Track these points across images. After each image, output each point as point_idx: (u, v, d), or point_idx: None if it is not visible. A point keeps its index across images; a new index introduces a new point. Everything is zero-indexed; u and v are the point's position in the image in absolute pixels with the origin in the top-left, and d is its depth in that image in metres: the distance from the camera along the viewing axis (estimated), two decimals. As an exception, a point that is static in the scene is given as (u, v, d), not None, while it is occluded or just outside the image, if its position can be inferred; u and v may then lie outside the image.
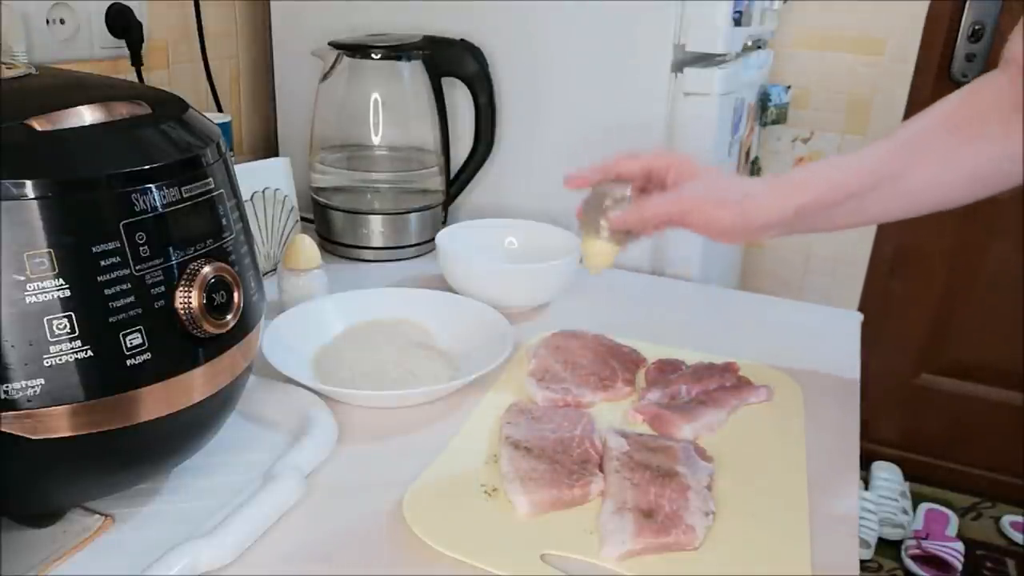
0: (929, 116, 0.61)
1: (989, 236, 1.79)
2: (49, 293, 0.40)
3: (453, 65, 1.01)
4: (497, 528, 0.53)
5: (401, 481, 0.57)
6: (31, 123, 0.41)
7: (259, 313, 0.54)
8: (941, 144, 0.59)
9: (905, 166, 0.60)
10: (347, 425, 0.64)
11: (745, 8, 1.06)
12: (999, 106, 0.58)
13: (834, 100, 1.77)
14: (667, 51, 0.96)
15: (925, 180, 0.60)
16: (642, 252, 1.03)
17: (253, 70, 1.22)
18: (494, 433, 0.64)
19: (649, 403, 0.68)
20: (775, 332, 0.86)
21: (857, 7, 1.70)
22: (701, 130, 1.00)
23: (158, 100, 0.50)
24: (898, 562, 1.74)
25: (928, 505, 1.85)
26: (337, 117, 1.03)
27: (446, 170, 1.06)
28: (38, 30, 0.87)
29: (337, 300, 0.79)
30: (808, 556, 0.51)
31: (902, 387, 1.97)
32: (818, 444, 0.65)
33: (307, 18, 1.11)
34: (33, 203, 0.39)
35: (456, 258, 0.86)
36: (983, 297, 1.84)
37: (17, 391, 0.40)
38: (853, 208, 0.61)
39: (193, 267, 0.46)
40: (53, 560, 0.48)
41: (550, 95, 1.03)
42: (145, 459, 0.50)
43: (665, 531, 0.51)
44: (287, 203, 0.95)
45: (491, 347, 0.72)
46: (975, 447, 1.94)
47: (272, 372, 0.66)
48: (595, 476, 0.57)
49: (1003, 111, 0.58)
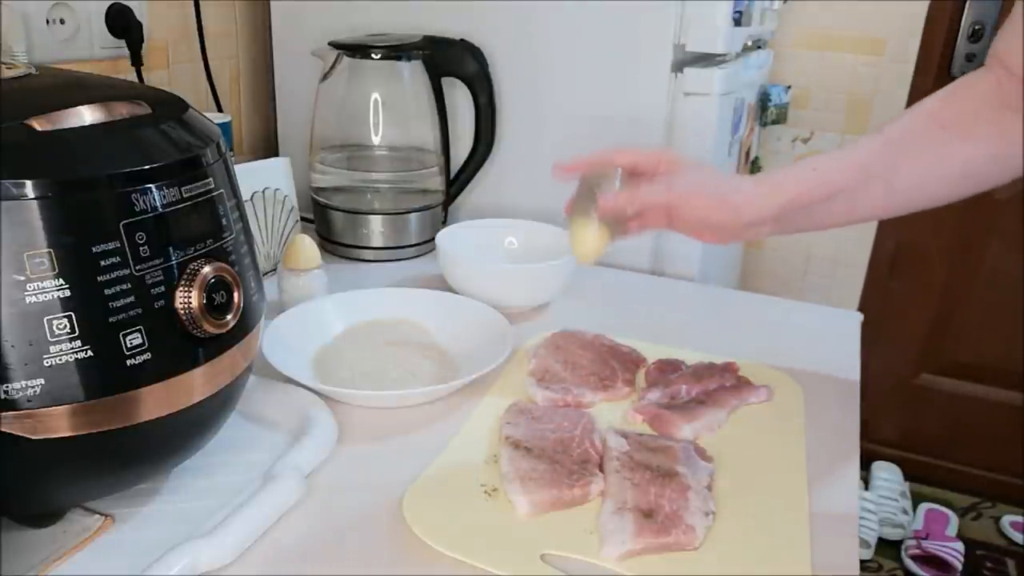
0: (917, 113, 0.61)
1: (989, 236, 1.79)
2: (49, 293, 0.40)
3: (453, 65, 1.01)
4: (497, 528, 0.53)
5: (401, 481, 0.57)
6: (31, 123, 0.41)
7: (259, 313, 0.54)
8: (931, 141, 0.59)
9: (894, 163, 0.60)
10: (347, 425, 0.64)
11: (745, 8, 1.06)
12: (988, 105, 0.58)
13: (834, 100, 1.77)
14: (667, 51, 0.96)
15: (915, 177, 0.60)
16: (642, 252, 1.03)
17: (253, 70, 1.22)
18: (494, 433, 0.64)
19: (649, 403, 0.68)
20: (775, 332, 0.86)
21: (857, 7, 1.70)
22: (701, 130, 1.00)
23: (158, 100, 0.50)
24: (898, 562, 1.74)
25: (928, 505, 1.85)
26: (337, 117, 1.03)
27: (446, 170, 1.06)
28: (38, 30, 0.87)
29: (337, 300, 0.79)
30: (808, 556, 0.51)
31: (902, 387, 1.97)
32: (818, 444, 0.65)
33: (307, 18, 1.11)
34: (33, 203, 0.39)
35: (456, 258, 0.86)
36: (983, 297, 1.84)
37: (17, 391, 0.40)
38: (843, 205, 0.61)
39: (193, 267, 0.46)
40: (53, 560, 0.48)
41: (550, 95, 1.03)
42: (145, 459, 0.50)
43: (665, 531, 0.51)
44: (287, 203, 0.95)
45: (491, 347, 0.72)
46: (975, 447, 1.94)
47: (272, 372, 0.66)
48: (595, 476, 0.57)
49: (992, 110, 0.58)
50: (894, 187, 0.60)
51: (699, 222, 0.63)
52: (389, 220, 1.01)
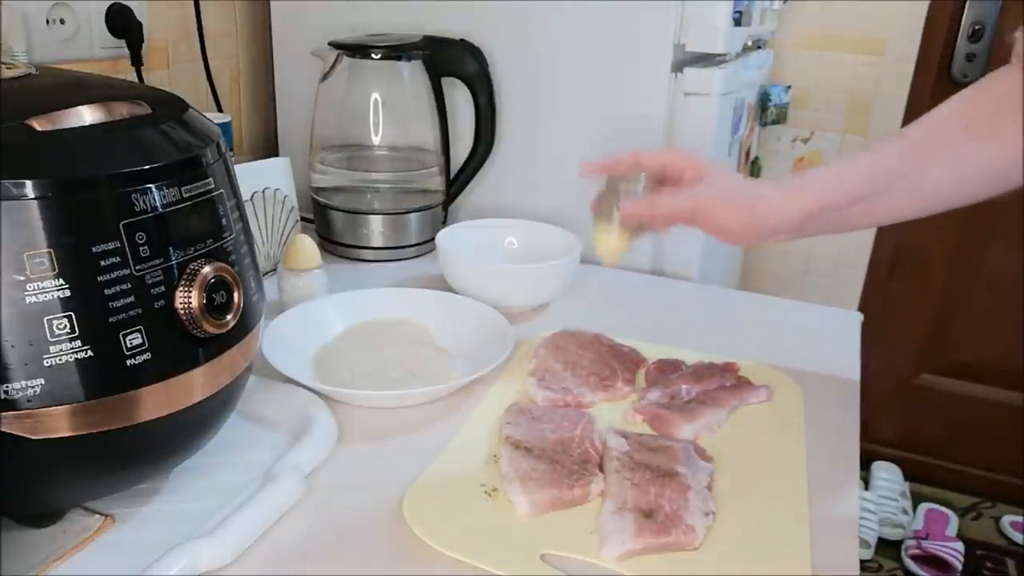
0: (940, 114, 0.60)
1: (989, 236, 1.79)
2: (49, 293, 0.40)
3: (453, 65, 1.01)
4: (497, 528, 0.53)
5: (401, 481, 0.57)
6: (31, 123, 0.41)
7: (259, 313, 0.54)
8: (954, 142, 0.59)
9: (918, 165, 0.59)
10: (347, 425, 0.64)
11: (745, 8, 1.06)
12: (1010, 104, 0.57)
13: (834, 100, 1.77)
14: (667, 51, 0.96)
15: (939, 178, 0.59)
16: (642, 252, 1.03)
17: (253, 70, 1.22)
18: (494, 433, 0.64)
19: (649, 403, 0.68)
20: (775, 332, 0.86)
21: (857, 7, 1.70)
22: (701, 130, 1.00)
23: (158, 100, 0.49)
24: (898, 562, 1.74)
25: (928, 505, 1.85)
26: (337, 117, 1.03)
27: (446, 170, 1.06)
28: (38, 30, 0.87)
29: (337, 300, 0.79)
30: (808, 556, 0.51)
31: (902, 387, 1.97)
32: (818, 444, 0.65)
33: (307, 18, 1.11)
34: (33, 203, 0.39)
35: (456, 258, 0.86)
36: (983, 297, 1.84)
37: (17, 391, 0.40)
38: (866, 208, 0.61)
39: (193, 267, 0.46)
40: (53, 560, 0.48)
41: (550, 95, 1.03)
42: (145, 459, 0.50)
43: (665, 531, 0.51)
44: (287, 203, 0.95)
45: (491, 347, 0.72)
46: (975, 447, 1.94)
47: (272, 372, 0.66)
48: (595, 476, 0.57)
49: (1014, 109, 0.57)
50: (920, 188, 0.60)
51: (722, 227, 0.63)
52: (389, 220, 1.01)
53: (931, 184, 0.60)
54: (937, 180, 0.59)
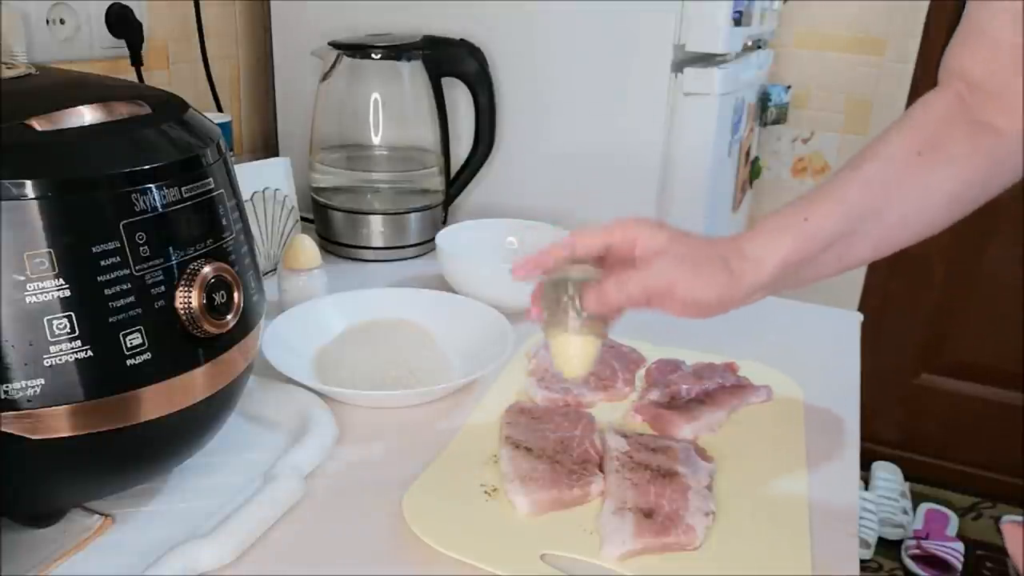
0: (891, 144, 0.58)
1: (988, 236, 1.79)
2: (49, 293, 0.40)
3: (453, 65, 1.01)
4: (497, 528, 0.53)
5: (401, 481, 0.57)
6: (31, 123, 0.41)
7: (259, 313, 0.54)
8: (912, 170, 0.57)
9: (882, 200, 0.57)
10: (347, 425, 0.64)
11: (745, 8, 1.06)
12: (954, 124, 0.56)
13: (834, 100, 1.77)
14: (667, 51, 0.96)
15: (905, 211, 0.57)
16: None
17: (253, 70, 1.22)
18: (494, 433, 0.64)
19: (649, 403, 0.68)
20: (775, 332, 0.86)
21: (857, 7, 1.70)
22: (701, 130, 1.00)
23: (158, 100, 0.49)
24: (898, 562, 1.74)
25: (928, 505, 1.85)
26: (337, 117, 1.03)
27: (446, 170, 1.06)
28: (38, 30, 0.87)
29: (337, 300, 0.79)
30: (808, 556, 0.51)
31: (902, 387, 1.97)
32: (818, 444, 0.65)
33: (307, 18, 1.11)
34: (33, 203, 0.39)
35: (456, 258, 0.86)
36: (982, 297, 1.84)
37: (17, 391, 0.40)
38: (839, 253, 0.58)
39: (193, 267, 0.46)
40: (53, 560, 0.48)
41: (550, 95, 1.03)
42: (145, 459, 0.50)
43: (665, 531, 0.51)
44: (287, 203, 0.95)
45: (491, 347, 0.72)
46: (975, 447, 1.94)
47: (272, 372, 0.66)
48: (595, 476, 0.57)
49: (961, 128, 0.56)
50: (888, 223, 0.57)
51: (694, 302, 0.55)
52: (389, 220, 1.01)
53: (899, 217, 0.57)
54: (904, 212, 0.57)
